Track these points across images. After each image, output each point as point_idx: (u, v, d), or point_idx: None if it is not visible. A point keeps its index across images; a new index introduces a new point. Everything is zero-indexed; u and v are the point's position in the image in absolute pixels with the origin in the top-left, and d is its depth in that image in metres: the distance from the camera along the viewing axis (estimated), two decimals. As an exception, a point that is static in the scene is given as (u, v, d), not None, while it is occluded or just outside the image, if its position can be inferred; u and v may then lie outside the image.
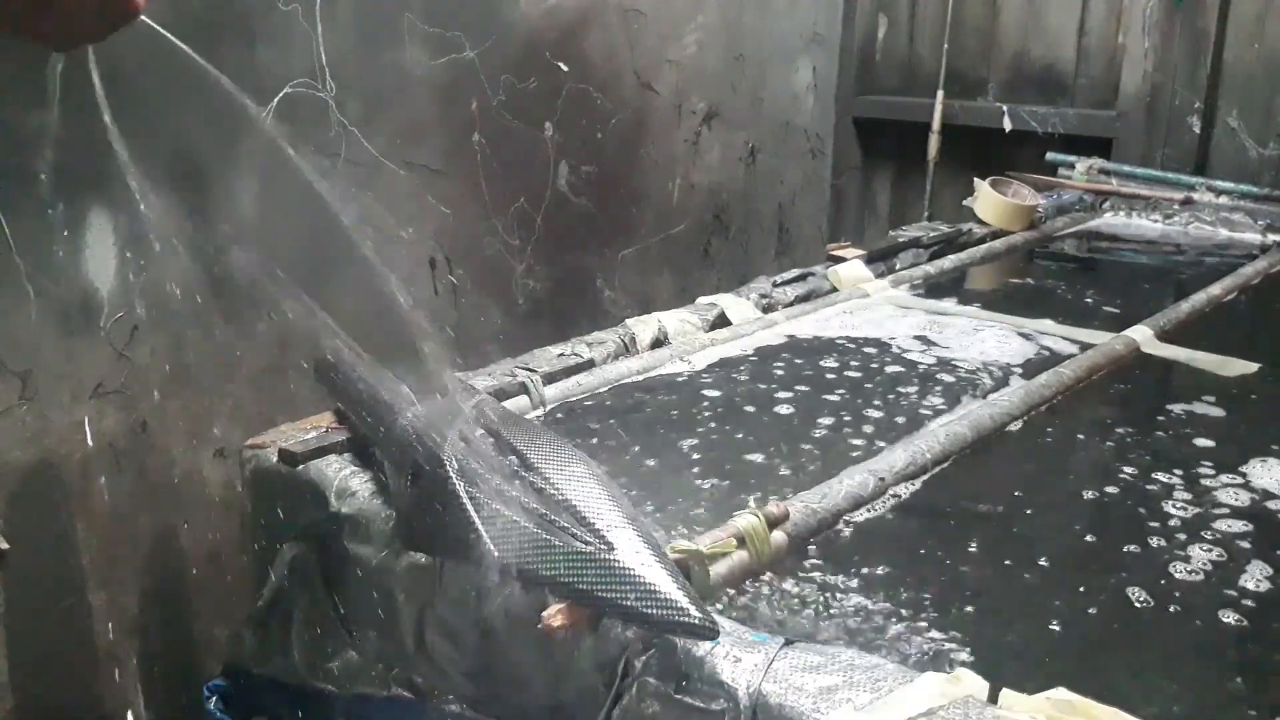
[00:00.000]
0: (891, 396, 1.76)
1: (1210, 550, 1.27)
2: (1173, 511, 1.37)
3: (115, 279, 1.91)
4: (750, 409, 1.70)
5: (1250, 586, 1.20)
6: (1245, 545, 1.29)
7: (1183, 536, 1.30)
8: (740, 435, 1.60)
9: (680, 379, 1.84)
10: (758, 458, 1.52)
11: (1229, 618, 1.14)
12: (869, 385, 1.82)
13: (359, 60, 2.26)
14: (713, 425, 1.63)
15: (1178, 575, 1.22)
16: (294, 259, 1.49)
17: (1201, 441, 1.58)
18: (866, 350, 1.99)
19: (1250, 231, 3.05)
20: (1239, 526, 1.33)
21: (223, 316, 2.09)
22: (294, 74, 2.13)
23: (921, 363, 1.92)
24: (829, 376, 1.85)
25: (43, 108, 1.78)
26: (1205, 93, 3.28)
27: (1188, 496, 1.41)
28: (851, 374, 1.87)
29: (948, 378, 1.85)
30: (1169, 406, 1.74)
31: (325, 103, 2.20)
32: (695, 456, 1.52)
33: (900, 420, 1.66)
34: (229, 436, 2.11)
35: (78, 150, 1.84)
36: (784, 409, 1.71)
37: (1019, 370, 1.89)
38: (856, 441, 1.58)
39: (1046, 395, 1.72)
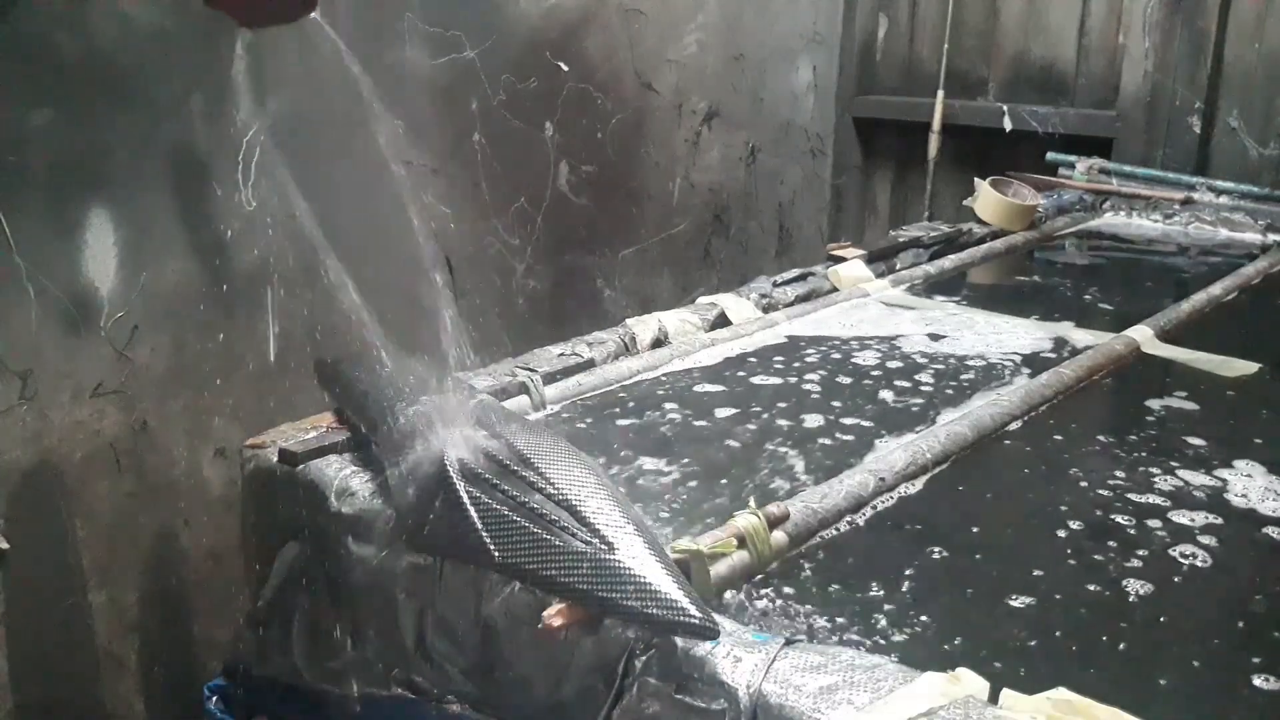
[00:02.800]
0: (893, 395, 1.76)
1: (1209, 547, 1.27)
2: (1172, 509, 1.37)
3: (115, 279, 1.91)
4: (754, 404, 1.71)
5: (1248, 584, 1.20)
6: (1242, 542, 1.29)
7: (1181, 533, 1.30)
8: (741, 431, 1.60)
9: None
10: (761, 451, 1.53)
11: (1228, 616, 1.14)
12: (868, 383, 1.81)
13: (359, 60, 2.26)
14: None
15: (1176, 572, 1.22)
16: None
17: (1201, 440, 1.58)
18: (866, 349, 1.99)
19: (1250, 231, 3.05)
20: (1237, 523, 1.33)
21: (223, 316, 2.09)
22: (294, 73, 2.13)
23: (922, 362, 1.92)
24: (826, 375, 1.85)
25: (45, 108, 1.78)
26: (1205, 93, 3.28)
27: (1186, 496, 1.41)
28: (850, 373, 1.87)
29: (948, 377, 1.85)
30: (1169, 406, 1.74)
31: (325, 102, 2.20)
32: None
33: (900, 418, 1.66)
34: (229, 437, 2.11)
35: (78, 150, 1.84)
36: (783, 406, 1.71)
37: (1019, 369, 1.89)
38: (852, 439, 1.58)
39: (1047, 395, 1.72)
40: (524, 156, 2.71)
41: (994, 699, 0.91)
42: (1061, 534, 1.32)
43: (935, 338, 2.07)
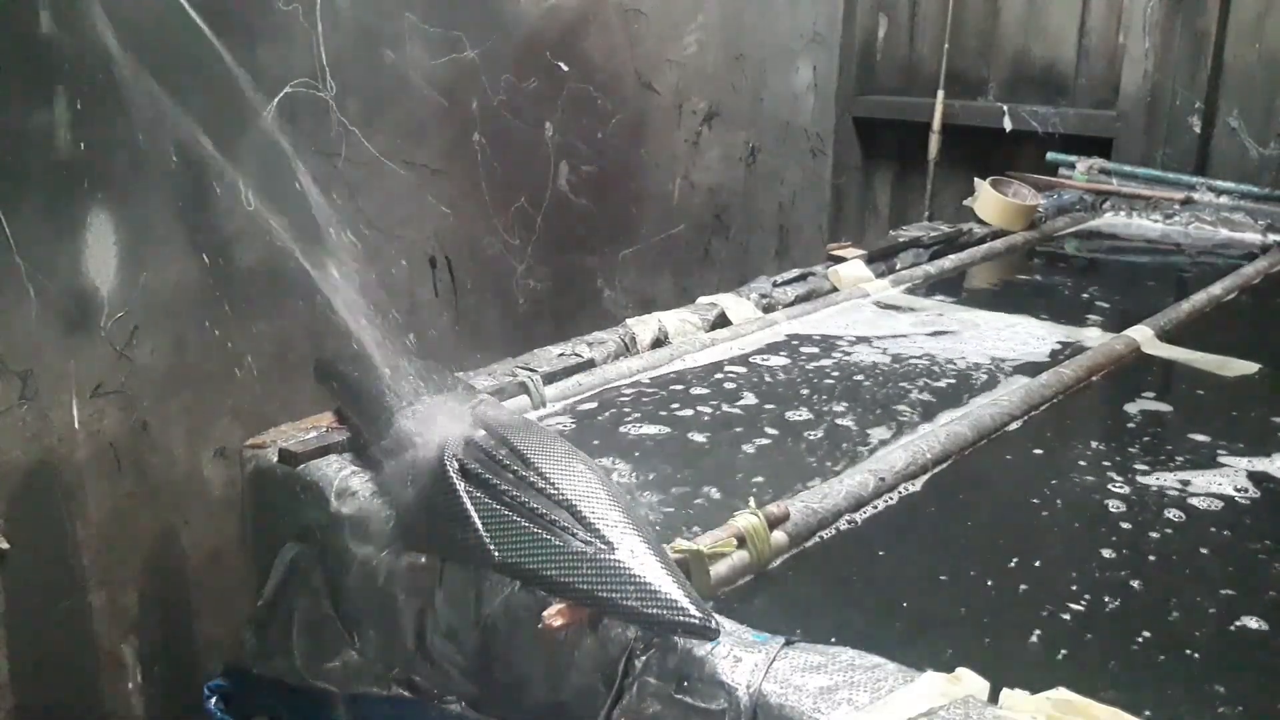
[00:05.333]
0: (893, 395, 1.76)
1: (1209, 543, 1.27)
2: (1169, 506, 1.37)
3: (115, 279, 1.91)
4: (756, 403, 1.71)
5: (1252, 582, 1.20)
6: (1246, 537, 1.29)
7: (1182, 529, 1.31)
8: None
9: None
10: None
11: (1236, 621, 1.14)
12: (869, 383, 1.81)
13: (359, 60, 2.26)
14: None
15: (1176, 573, 1.22)
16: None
17: (1202, 438, 1.58)
18: (865, 349, 1.99)
19: (1250, 231, 3.05)
20: (1238, 518, 1.33)
21: (223, 316, 2.09)
22: (295, 73, 2.13)
23: (921, 362, 1.92)
24: (823, 379, 1.85)
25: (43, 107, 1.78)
26: (1205, 93, 3.28)
27: (1187, 495, 1.41)
28: (850, 372, 1.87)
29: (948, 376, 1.85)
30: (1169, 405, 1.74)
31: (325, 102, 2.20)
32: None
33: (900, 418, 1.66)
34: (229, 437, 2.11)
35: (78, 150, 1.84)
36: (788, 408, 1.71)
37: (1019, 369, 1.89)
38: (850, 439, 1.58)
39: (1046, 395, 1.72)
40: (524, 156, 2.71)
41: (994, 699, 0.91)
42: (1063, 532, 1.32)
43: (935, 337, 2.07)
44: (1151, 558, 1.26)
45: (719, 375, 1.85)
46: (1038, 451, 1.57)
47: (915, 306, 2.31)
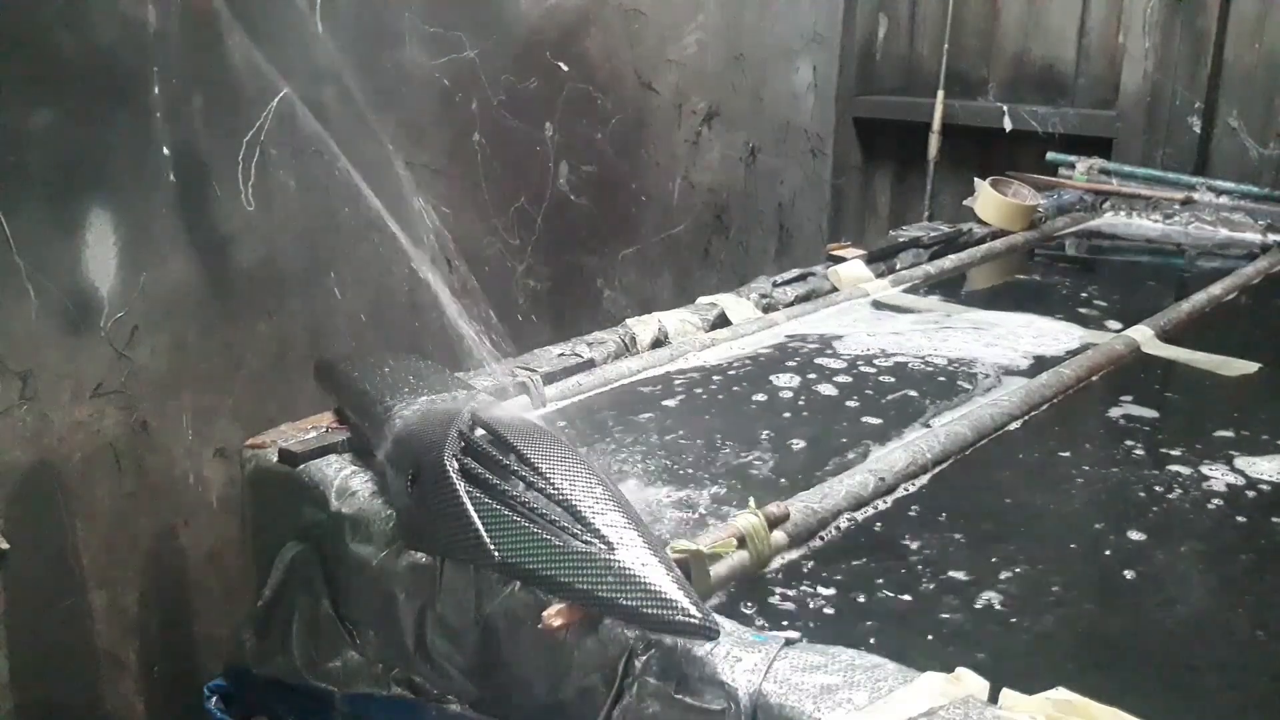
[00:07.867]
0: (894, 395, 1.76)
1: (1210, 541, 1.27)
2: (1168, 505, 1.37)
3: (115, 279, 1.91)
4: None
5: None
6: (1250, 535, 1.29)
7: (1180, 528, 1.31)
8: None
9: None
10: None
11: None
12: (868, 382, 1.81)
13: (359, 60, 2.26)
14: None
15: (1183, 560, 1.22)
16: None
17: (1201, 436, 1.58)
18: (864, 348, 1.99)
19: (1250, 231, 3.05)
20: (1236, 512, 1.33)
21: (223, 316, 2.09)
22: (294, 73, 2.13)
23: (922, 362, 1.92)
24: (824, 376, 1.85)
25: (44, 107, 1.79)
26: (1205, 93, 3.28)
27: (1189, 493, 1.41)
28: (850, 372, 1.87)
29: (948, 376, 1.85)
30: (1169, 408, 1.73)
31: (325, 102, 2.20)
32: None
33: (900, 418, 1.66)
34: (229, 437, 2.11)
35: (78, 150, 1.85)
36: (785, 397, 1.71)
37: (1019, 369, 1.89)
38: (851, 440, 1.58)
39: (1046, 395, 1.72)
40: (524, 156, 2.71)
41: (994, 699, 0.91)
42: (1061, 531, 1.32)
43: (934, 337, 2.07)
44: (1153, 554, 1.26)
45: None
46: (1039, 451, 1.57)
47: (914, 307, 2.31)
